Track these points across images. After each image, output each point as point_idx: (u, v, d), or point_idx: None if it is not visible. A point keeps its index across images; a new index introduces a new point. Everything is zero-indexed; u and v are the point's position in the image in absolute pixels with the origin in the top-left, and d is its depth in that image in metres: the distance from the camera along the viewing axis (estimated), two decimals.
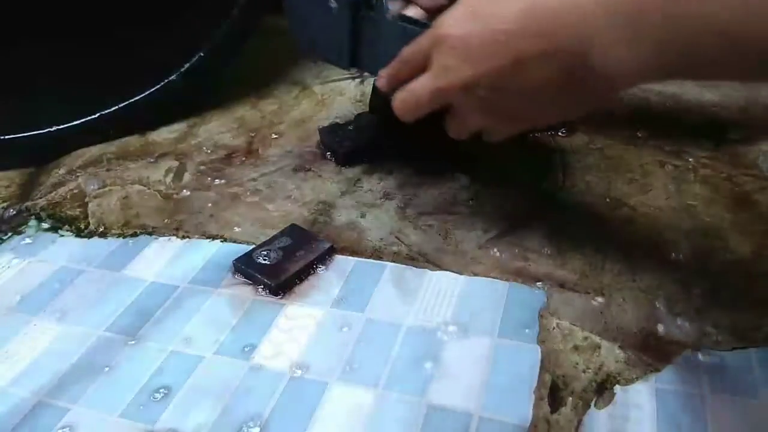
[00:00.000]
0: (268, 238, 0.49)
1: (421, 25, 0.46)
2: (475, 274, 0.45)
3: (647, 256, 0.45)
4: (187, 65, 0.67)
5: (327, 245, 0.48)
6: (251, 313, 0.44)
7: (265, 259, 0.47)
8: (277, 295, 0.45)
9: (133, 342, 0.42)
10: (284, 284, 0.45)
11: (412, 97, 0.41)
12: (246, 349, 0.41)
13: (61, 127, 0.65)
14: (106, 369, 0.41)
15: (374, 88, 0.61)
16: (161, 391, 0.39)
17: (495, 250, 0.47)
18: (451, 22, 0.37)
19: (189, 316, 0.44)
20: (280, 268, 0.46)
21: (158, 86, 0.67)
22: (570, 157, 0.57)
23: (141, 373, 0.40)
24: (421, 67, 0.39)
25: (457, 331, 0.41)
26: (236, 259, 0.47)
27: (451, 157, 0.57)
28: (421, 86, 0.40)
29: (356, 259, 0.48)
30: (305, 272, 0.46)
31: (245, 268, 0.46)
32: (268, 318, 0.43)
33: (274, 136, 0.66)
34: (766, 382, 0.36)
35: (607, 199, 0.51)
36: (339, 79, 0.77)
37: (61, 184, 0.61)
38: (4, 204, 0.59)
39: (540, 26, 0.33)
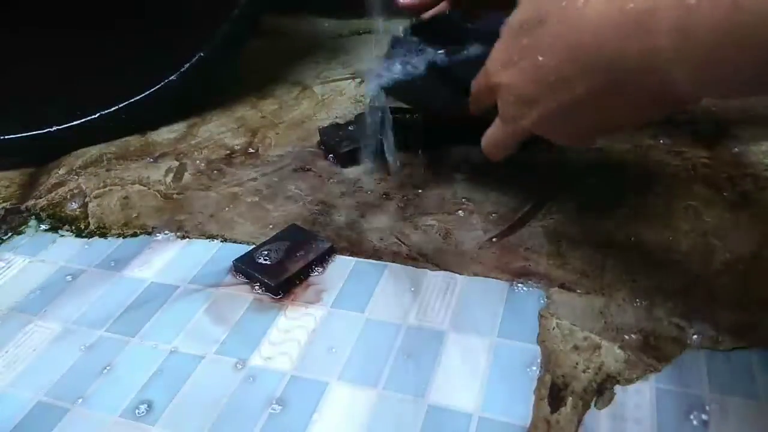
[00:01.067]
0: (268, 238, 0.49)
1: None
2: (475, 274, 0.45)
3: (647, 256, 0.45)
4: (187, 65, 0.67)
5: (327, 245, 0.48)
6: (251, 313, 0.44)
7: (265, 259, 0.47)
8: (277, 295, 0.45)
9: (133, 342, 0.43)
10: (284, 284, 0.45)
11: (494, 146, 0.43)
12: (246, 349, 0.41)
13: (61, 127, 0.65)
14: (106, 369, 0.41)
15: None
16: (161, 390, 0.39)
17: (495, 250, 0.47)
18: (498, 67, 0.37)
19: (189, 316, 0.44)
20: (280, 268, 0.46)
21: (158, 86, 0.67)
22: (570, 157, 0.57)
23: (141, 373, 0.40)
24: (491, 97, 0.40)
25: (457, 332, 0.41)
26: (236, 259, 0.47)
27: (451, 157, 0.57)
28: (499, 134, 0.41)
29: (356, 259, 0.48)
30: (305, 272, 0.46)
31: (245, 268, 0.46)
32: (268, 318, 0.43)
33: (274, 136, 0.66)
34: (766, 382, 0.36)
35: (607, 200, 0.51)
36: (339, 79, 0.77)
37: (61, 184, 0.61)
38: (5, 204, 0.59)
39: (591, 61, 0.30)
